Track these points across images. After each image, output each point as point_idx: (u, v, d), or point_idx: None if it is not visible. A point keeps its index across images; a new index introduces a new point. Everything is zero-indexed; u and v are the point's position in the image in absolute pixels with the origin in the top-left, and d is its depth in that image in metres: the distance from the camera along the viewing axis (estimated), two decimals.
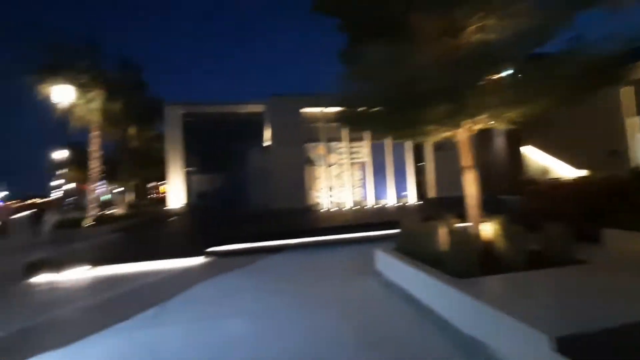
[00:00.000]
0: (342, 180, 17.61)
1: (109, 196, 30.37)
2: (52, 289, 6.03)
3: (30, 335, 4.03)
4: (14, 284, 6.36)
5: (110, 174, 23.50)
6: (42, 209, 14.24)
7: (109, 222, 15.41)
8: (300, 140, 16.94)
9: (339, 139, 17.64)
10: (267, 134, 18.28)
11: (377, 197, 17.56)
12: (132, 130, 20.03)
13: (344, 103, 5.54)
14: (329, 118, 17.42)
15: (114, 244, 10.31)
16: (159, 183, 32.67)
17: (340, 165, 17.68)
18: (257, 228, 10.55)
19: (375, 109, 5.38)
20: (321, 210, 16.33)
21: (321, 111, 17.33)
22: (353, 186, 17.55)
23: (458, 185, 5.67)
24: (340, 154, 17.71)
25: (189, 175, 20.05)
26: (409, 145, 17.98)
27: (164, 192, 27.64)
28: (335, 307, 4.29)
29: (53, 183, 53.03)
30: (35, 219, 13.19)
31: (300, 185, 16.61)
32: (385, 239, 8.02)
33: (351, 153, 17.73)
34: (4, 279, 6.70)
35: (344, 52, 5.78)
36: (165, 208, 19.63)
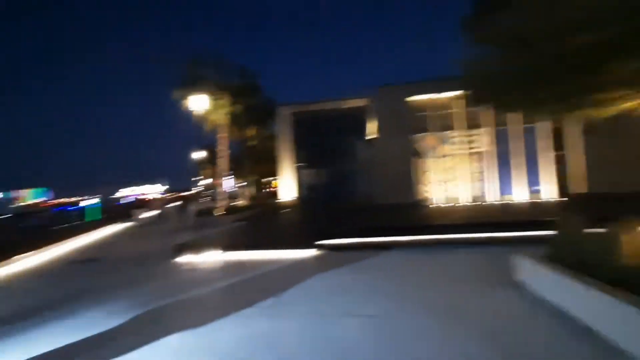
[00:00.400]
0: (456, 173, 15.78)
1: (235, 189, 34.93)
2: (191, 269, 6.96)
3: (172, 311, 4.59)
4: (166, 262, 7.60)
5: (234, 170, 26.93)
6: (186, 200, 17.14)
7: (234, 212, 17.56)
8: (407, 131, 15.86)
9: (452, 127, 15.85)
10: (372, 126, 17.79)
11: (501, 192, 15.11)
12: (251, 131, 22.42)
13: (473, 79, 4.61)
14: (440, 105, 15.84)
15: (238, 231, 11.52)
16: (272, 178, 35.94)
17: (454, 156, 15.85)
18: (365, 222, 10.23)
19: (516, 79, 4.29)
20: (431, 206, 14.98)
21: (431, 98, 15.86)
22: (470, 179, 15.53)
23: (624, 178, 4.09)
24: (454, 143, 15.86)
25: (298, 171, 21.21)
26: (543, 130, 14.85)
27: (276, 187, 30.23)
28: (468, 321, 3.54)
29: (194, 179, 64.39)
30: (181, 209, 15.95)
31: (407, 179, 15.59)
32: (519, 242, 6.65)
33: (467, 142, 15.69)
34: (160, 257, 8.08)
35: (471, 17, 4.82)
36: (278, 201, 21.28)
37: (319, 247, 7.53)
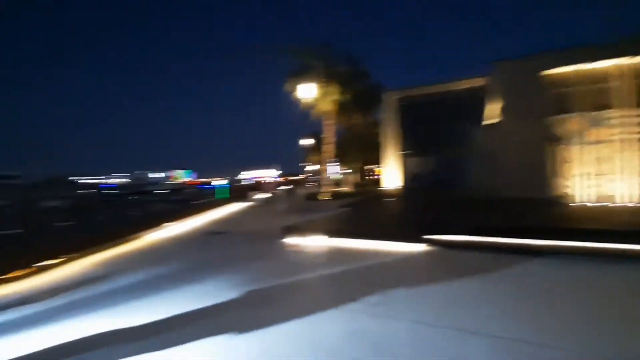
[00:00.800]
0: (612, 165, 12.33)
1: (340, 176, 35.87)
2: (297, 252, 7.26)
3: (278, 293, 4.76)
4: (275, 241, 8.15)
5: (339, 157, 27.50)
6: (295, 184, 18.29)
7: (339, 198, 17.92)
8: (540, 112, 13.04)
9: (608, 106, 12.34)
10: (491, 109, 15.37)
11: None
12: (356, 118, 22.33)
13: None
14: (590, 78, 12.49)
15: (342, 217, 11.61)
16: (375, 166, 35.43)
17: (611, 142, 12.37)
18: (484, 218, 8.91)
19: None
20: (573, 204, 12.12)
21: (577, 70, 12.63)
22: (637, 173, 11.92)
23: None
24: (611, 127, 12.36)
25: (404, 158, 20.20)
26: None
27: (379, 174, 29.65)
28: None
29: (303, 164, 68.97)
30: (291, 192, 17.11)
31: (539, 170, 12.94)
32: None
33: (632, 125, 12.02)
34: (270, 236, 8.73)
35: None
36: (381, 188, 20.78)
37: (430, 242, 6.84)
